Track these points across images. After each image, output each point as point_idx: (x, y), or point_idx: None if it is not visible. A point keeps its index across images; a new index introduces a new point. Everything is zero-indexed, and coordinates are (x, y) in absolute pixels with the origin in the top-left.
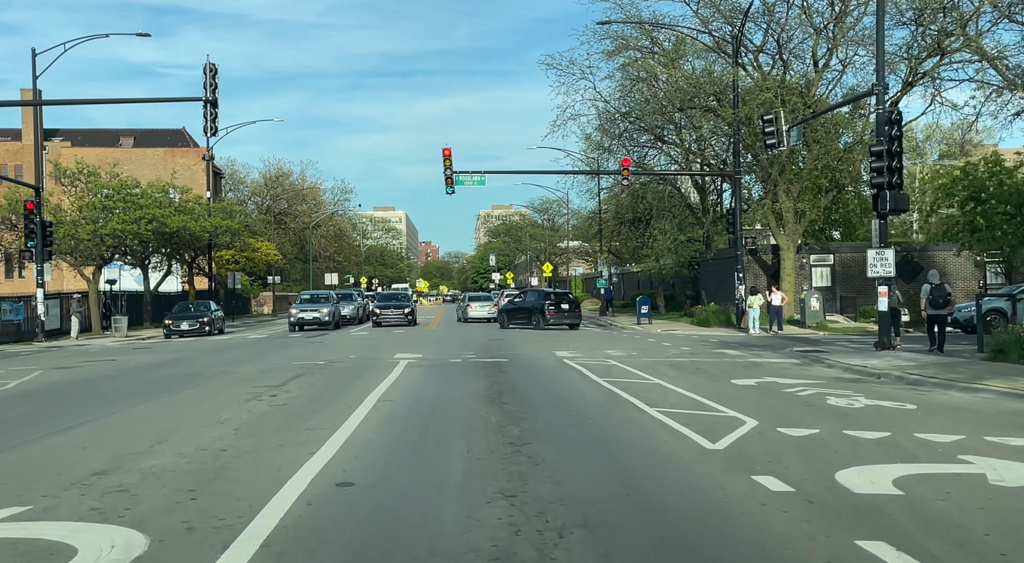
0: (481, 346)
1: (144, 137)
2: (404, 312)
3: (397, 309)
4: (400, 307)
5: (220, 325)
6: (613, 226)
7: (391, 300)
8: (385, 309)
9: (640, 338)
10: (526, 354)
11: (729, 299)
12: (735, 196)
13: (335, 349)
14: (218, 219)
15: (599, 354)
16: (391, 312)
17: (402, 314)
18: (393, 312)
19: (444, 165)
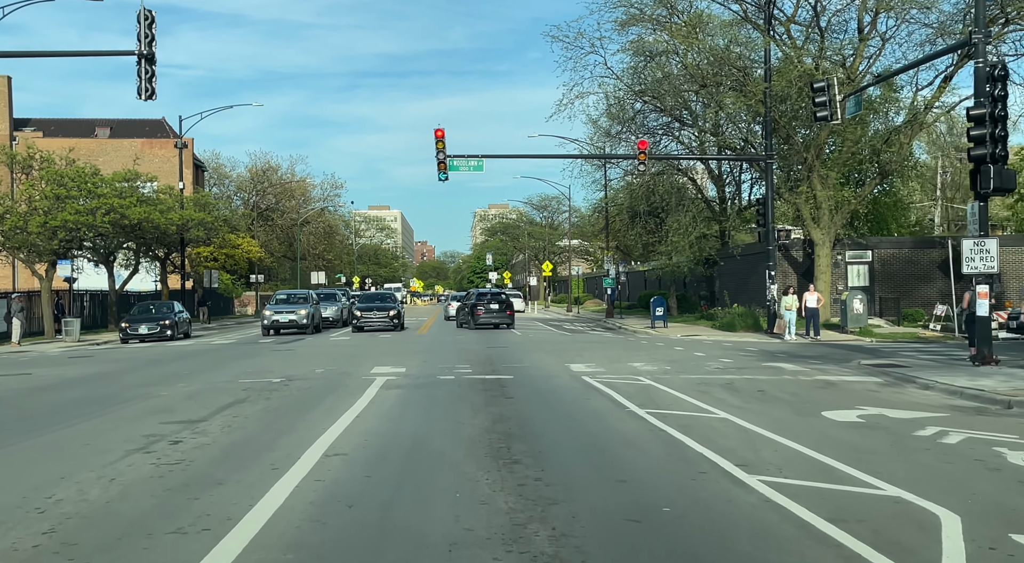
0: (478, 356)
1: (121, 127)
2: (389, 315)
3: (381, 312)
4: (384, 309)
5: (186, 328)
6: (621, 221)
7: (374, 301)
8: (367, 311)
9: (664, 346)
10: (534, 368)
11: (754, 300)
12: (767, 183)
13: (302, 360)
14: (190, 211)
15: (624, 368)
16: (374, 315)
17: (387, 317)
18: (376, 315)
19: (436, 148)
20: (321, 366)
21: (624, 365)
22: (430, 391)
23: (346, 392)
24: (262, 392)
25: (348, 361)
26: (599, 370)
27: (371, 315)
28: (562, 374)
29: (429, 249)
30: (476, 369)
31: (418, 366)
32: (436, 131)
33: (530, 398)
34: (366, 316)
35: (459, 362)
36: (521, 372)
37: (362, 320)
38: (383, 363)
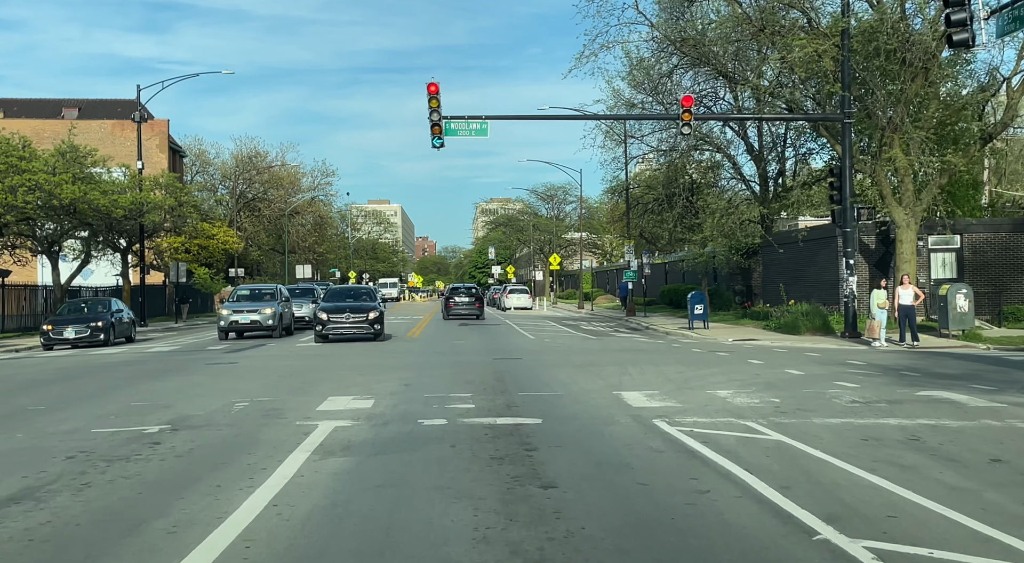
0: (483, 376)
1: (91, 108)
2: (367, 318)
3: (357, 313)
4: (360, 311)
5: (127, 331)
6: (645, 206)
7: (345, 299)
8: (336, 313)
9: (730, 356)
10: (569, 399)
11: (812, 295)
12: (843, 148)
13: (232, 382)
14: (145, 194)
15: (705, 399)
16: (345, 319)
17: (363, 322)
18: (349, 319)
19: (429, 107)
20: (250, 394)
21: (702, 394)
22: (401, 463)
23: (248, 464)
24: (106, 462)
25: (296, 385)
26: (670, 404)
27: (341, 319)
28: (617, 414)
29: (430, 244)
30: (481, 402)
31: (395, 395)
32: (429, 85)
33: (584, 486)
34: (335, 320)
35: (455, 386)
36: (551, 408)
37: (329, 326)
38: (346, 389)
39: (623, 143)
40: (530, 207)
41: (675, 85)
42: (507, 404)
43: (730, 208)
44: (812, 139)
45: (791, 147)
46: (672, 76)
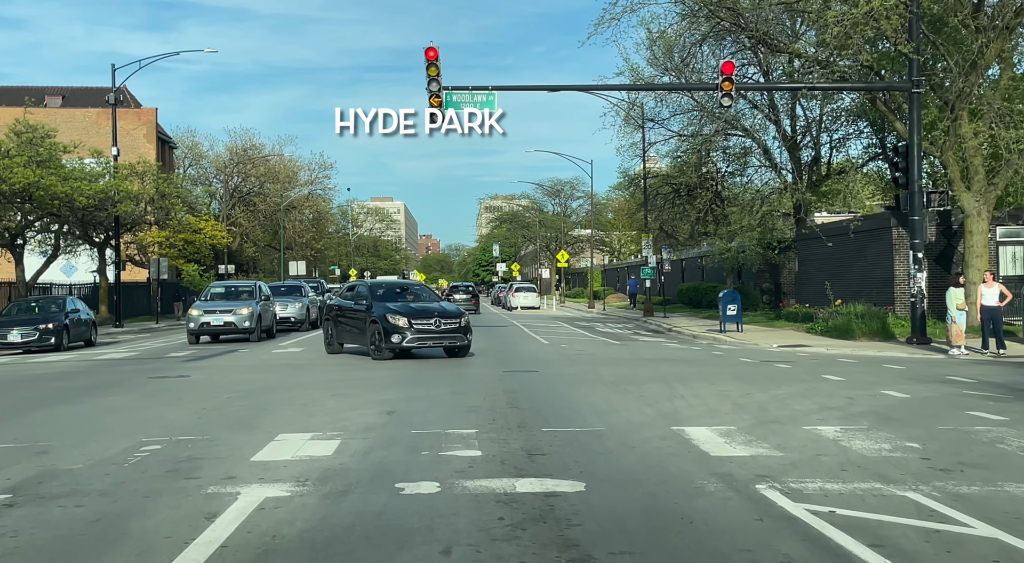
0: (491, 401)
1: (75, 96)
2: (459, 325)
3: (448, 319)
4: (450, 315)
5: (85, 333)
6: (664, 197)
7: (405, 297)
8: (422, 319)
9: (794, 368)
10: (615, 441)
11: (859, 294)
12: (910, 123)
13: (158, 409)
14: (120, 182)
15: (799, 439)
16: (432, 326)
17: (458, 329)
18: (440, 326)
19: (428, 76)
20: (173, 429)
21: (797, 431)
22: None
23: None
24: None
25: (244, 412)
26: (764, 452)
27: (429, 325)
28: (696, 472)
29: (434, 243)
30: (491, 444)
31: (371, 432)
32: (427, 50)
33: None
34: (421, 327)
35: (455, 415)
36: (594, 459)
37: (411, 335)
38: (306, 420)
39: (641, 128)
40: (536, 203)
41: (700, 62)
42: (528, 450)
43: (761, 198)
44: (850, 122)
45: (826, 132)
46: (702, 46)
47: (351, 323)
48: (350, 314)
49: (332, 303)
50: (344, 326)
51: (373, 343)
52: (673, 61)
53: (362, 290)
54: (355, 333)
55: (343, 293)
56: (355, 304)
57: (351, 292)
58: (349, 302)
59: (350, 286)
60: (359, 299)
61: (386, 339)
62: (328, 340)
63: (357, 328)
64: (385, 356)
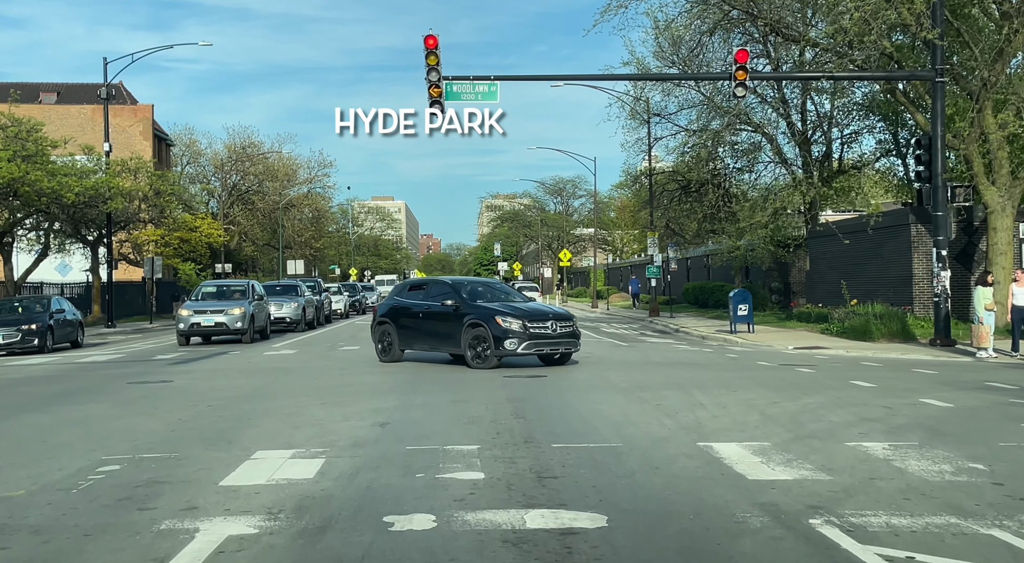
0: (497, 408)
1: (70, 92)
2: (572, 328)
3: (562, 322)
4: (563, 318)
5: (71, 334)
6: (670, 194)
7: (500, 295)
8: (538, 322)
9: (819, 375)
10: (634, 458)
11: (875, 293)
12: (933, 113)
13: (129, 420)
14: (111, 178)
15: (846, 458)
16: (549, 329)
17: (571, 333)
18: (556, 329)
19: (427, 65)
20: (140, 444)
21: (841, 448)
22: None
23: None
24: None
25: (223, 424)
26: (808, 474)
27: (545, 328)
28: (735, 501)
29: (435, 242)
30: (494, 463)
31: (360, 448)
32: (427, 38)
33: None
34: (538, 330)
35: (454, 428)
36: (613, 484)
37: (528, 340)
38: (289, 434)
39: (647, 122)
40: (538, 201)
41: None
42: (537, 470)
43: (772, 195)
44: (862, 117)
45: (836, 127)
46: (713, 35)
47: (427, 326)
48: (424, 315)
49: (392, 304)
50: (411, 330)
51: (473, 349)
52: (680, 54)
53: (441, 288)
54: (432, 337)
55: (402, 292)
56: (433, 304)
57: (417, 290)
58: (419, 301)
59: (413, 284)
60: (441, 298)
61: (496, 345)
62: (384, 346)
63: (437, 332)
64: (490, 364)
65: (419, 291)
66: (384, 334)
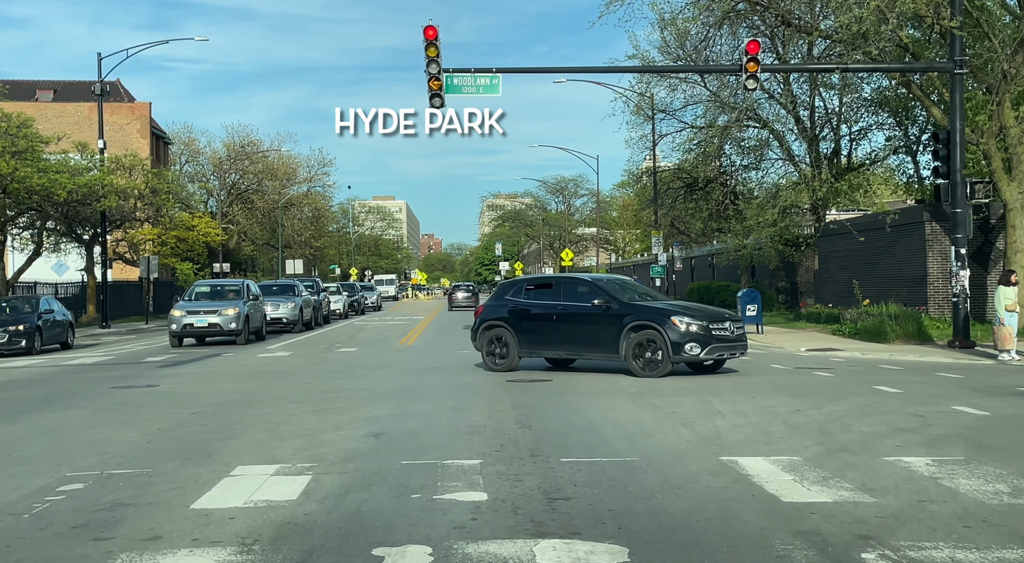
0: (500, 416)
1: (67, 90)
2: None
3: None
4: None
5: (61, 335)
6: (675, 192)
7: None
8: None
9: (837, 379)
10: (652, 475)
11: (888, 293)
12: (952, 106)
13: (104, 430)
14: (105, 176)
15: (887, 475)
16: (726, 331)
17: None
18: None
19: (427, 57)
20: (112, 459)
21: (877, 462)
22: None
23: None
24: None
25: (205, 434)
26: (848, 494)
27: (724, 329)
28: (772, 529)
29: (436, 242)
30: (498, 480)
31: (351, 462)
32: (426, 29)
33: None
34: (720, 334)
35: (454, 439)
36: (633, 506)
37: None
38: (275, 446)
39: (651, 119)
40: (539, 201)
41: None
42: (546, 491)
43: (780, 192)
44: (871, 113)
45: (846, 124)
46: (721, 27)
47: (564, 329)
48: (560, 317)
49: (505, 304)
50: (539, 334)
51: (640, 355)
52: (685, 49)
53: (580, 287)
54: (571, 342)
55: (516, 292)
56: (571, 304)
57: (540, 289)
58: (549, 302)
59: (532, 282)
60: (584, 297)
61: (675, 351)
62: (496, 352)
63: (580, 335)
64: (662, 372)
65: (543, 290)
66: (495, 340)
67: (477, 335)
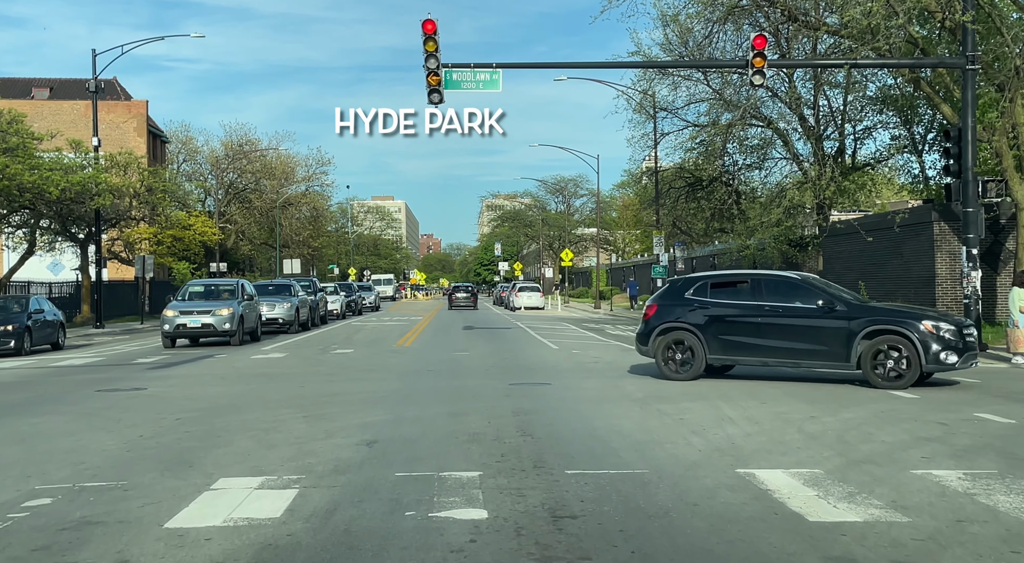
0: (501, 423)
1: (63, 88)
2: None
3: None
4: None
5: (51, 336)
6: (676, 191)
7: None
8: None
9: (851, 382)
10: (663, 491)
11: (893, 294)
12: (964, 103)
13: (82, 437)
14: (98, 174)
15: (920, 492)
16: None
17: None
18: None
19: (426, 51)
20: (87, 470)
21: (905, 477)
22: None
23: None
24: None
25: (188, 442)
26: (879, 511)
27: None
28: (801, 556)
29: (435, 242)
30: (498, 496)
31: (341, 475)
32: (425, 23)
33: None
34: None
35: (453, 449)
36: (647, 528)
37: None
38: (261, 455)
39: (653, 117)
40: (539, 201)
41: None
42: (551, 507)
43: (783, 192)
44: (877, 112)
45: (850, 123)
46: (726, 23)
47: (774, 333)
48: (766, 320)
49: (685, 305)
50: (740, 338)
51: (881, 363)
52: (688, 47)
53: (788, 286)
54: (783, 349)
55: (698, 290)
56: (782, 305)
57: (727, 288)
58: (749, 302)
59: (726, 278)
60: (797, 298)
61: (930, 359)
62: (677, 359)
63: (796, 340)
64: (908, 383)
65: (735, 289)
66: (675, 345)
67: (650, 339)
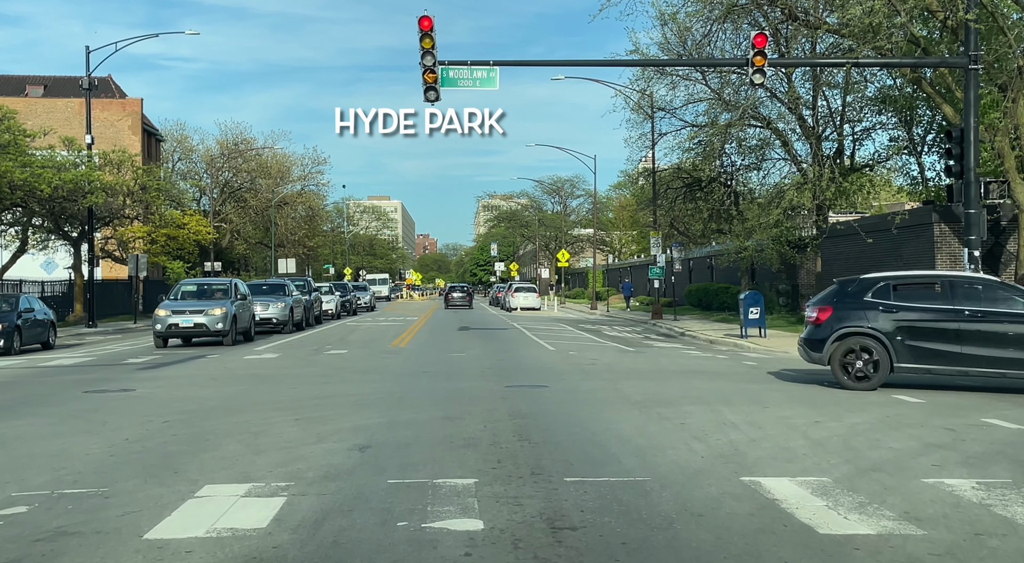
0: (497, 427)
1: (57, 86)
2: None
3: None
4: None
5: (42, 335)
6: (675, 192)
7: None
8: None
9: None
10: (667, 500)
11: None
12: (966, 103)
13: (64, 441)
14: (91, 172)
15: (934, 502)
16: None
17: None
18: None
19: (422, 48)
20: (67, 476)
21: (916, 485)
22: None
23: None
24: None
25: (175, 446)
26: (891, 524)
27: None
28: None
29: (431, 242)
30: (495, 506)
31: (332, 481)
32: (421, 20)
33: None
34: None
35: (447, 455)
36: (648, 539)
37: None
38: (250, 461)
39: (651, 117)
40: (535, 201)
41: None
42: (550, 517)
43: (782, 193)
44: (876, 113)
45: (848, 124)
46: (725, 22)
47: (976, 339)
48: (970, 326)
49: (882, 310)
50: (936, 346)
51: None
52: (687, 46)
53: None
54: (989, 357)
55: (879, 292)
56: (978, 309)
57: (920, 289)
58: (946, 307)
59: (910, 280)
60: (1011, 301)
61: None
62: (859, 367)
63: (1003, 349)
64: None
65: (921, 291)
66: (857, 351)
67: (826, 346)
